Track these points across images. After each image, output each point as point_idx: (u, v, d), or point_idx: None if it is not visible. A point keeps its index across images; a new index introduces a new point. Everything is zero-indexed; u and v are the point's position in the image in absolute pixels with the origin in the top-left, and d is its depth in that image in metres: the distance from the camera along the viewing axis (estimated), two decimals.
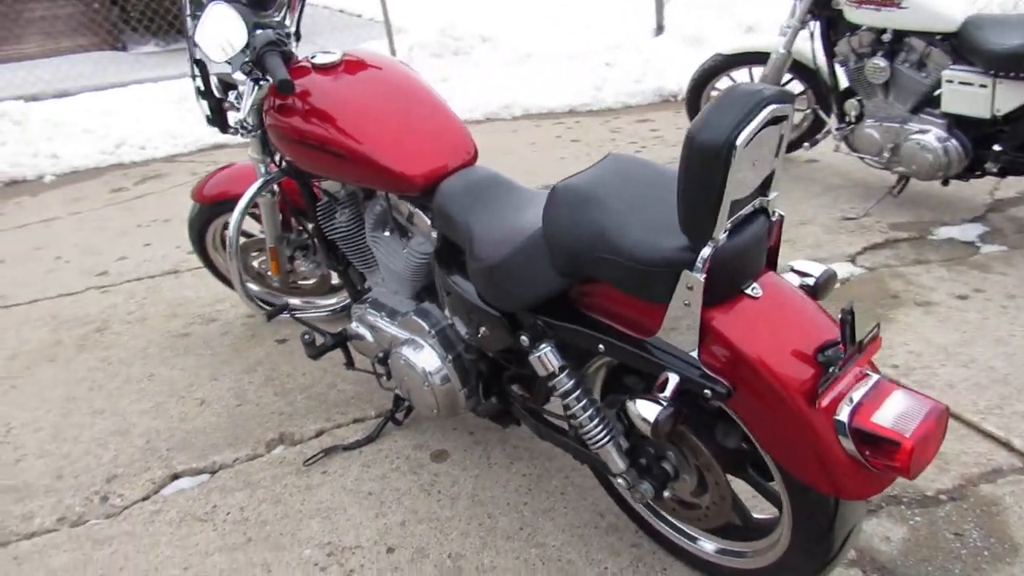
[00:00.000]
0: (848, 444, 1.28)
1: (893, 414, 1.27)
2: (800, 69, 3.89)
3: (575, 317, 1.57)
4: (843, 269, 3.13)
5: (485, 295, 1.71)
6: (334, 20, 9.03)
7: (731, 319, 1.35)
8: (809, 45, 3.70)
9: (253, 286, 2.94)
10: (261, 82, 2.03)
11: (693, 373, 1.37)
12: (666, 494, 1.65)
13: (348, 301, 2.50)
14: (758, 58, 3.98)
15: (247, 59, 1.98)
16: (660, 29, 7.30)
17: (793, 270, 1.55)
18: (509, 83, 6.00)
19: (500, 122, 5.62)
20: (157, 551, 1.98)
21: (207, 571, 1.91)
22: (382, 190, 2.03)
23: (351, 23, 8.64)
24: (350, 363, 2.34)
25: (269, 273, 2.73)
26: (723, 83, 4.24)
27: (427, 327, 1.99)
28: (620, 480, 1.65)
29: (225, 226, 2.63)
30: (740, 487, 1.66)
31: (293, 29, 2.27)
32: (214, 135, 5.25)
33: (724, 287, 1.35)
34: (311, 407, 2.50)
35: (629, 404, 1.38)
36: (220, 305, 3.18)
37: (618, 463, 1.63)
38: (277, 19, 2.22)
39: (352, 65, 2.07)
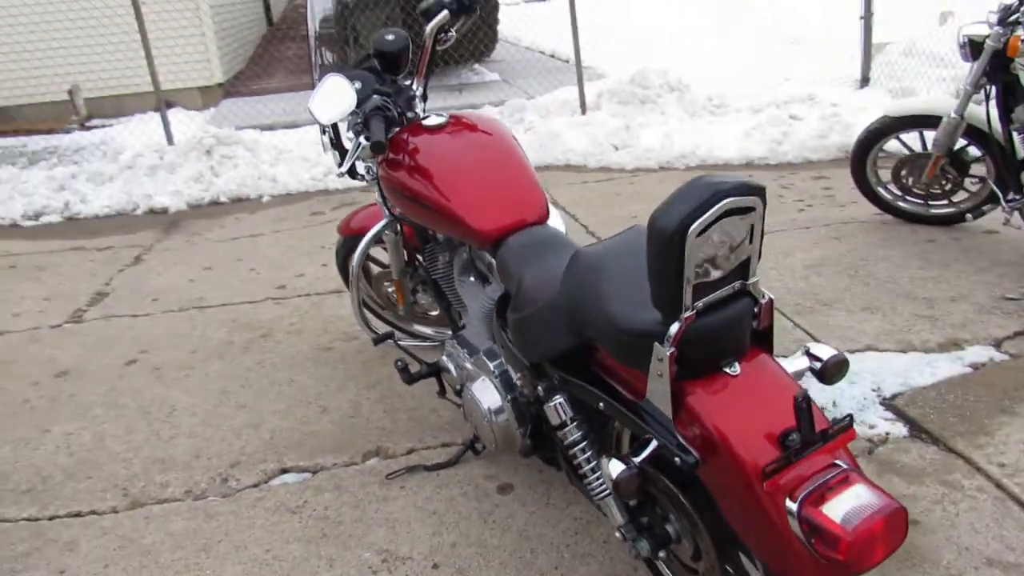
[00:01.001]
0: (797, 530, 1.30)
1: (846, 507, 1.27)
2: (977, 135, 3.65)
3: (587, 374, 1.69)
4: (983, 354, 2.90)
5: (515, 344, 1.87)
6: (542, 64, 9.52)
7: (703, 394, 1.41)
8: (986, 110, 3.48)
9: (387, 314, 3.28)
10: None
11: (670, 440, 1.45)
12: (661, 554, 1.70)
13: None
14: (930, 121, 3.79)
15: (359, 120, 2.30)
16: (865, 81, 6.99)
17: (807, 353, 1.56)
18: (689, 133, 6.04)
19: (672, 171, 5.67)
20: (251, 532, 2.32)
21: (283, 555, 2.21)
22: (460, 241, 2.25)
23: (555, 67, 9.07)
24: (442, 391, 2.57)
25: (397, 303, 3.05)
26: (891, 145, 4.06)
27: (492, 367, 2.17)
28: (617, 534, 1.73)
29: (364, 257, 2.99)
30: None
31: (420, 92, 2.58)
32: None
33: (699, 363, 1.42)
34: (410, 427, 2.76)
35: (603, 460, 1.48)
36: None
37: (617, 516, 1.71)
38: (406, 83, 2.54)
39: (456, 127, 2.33)
